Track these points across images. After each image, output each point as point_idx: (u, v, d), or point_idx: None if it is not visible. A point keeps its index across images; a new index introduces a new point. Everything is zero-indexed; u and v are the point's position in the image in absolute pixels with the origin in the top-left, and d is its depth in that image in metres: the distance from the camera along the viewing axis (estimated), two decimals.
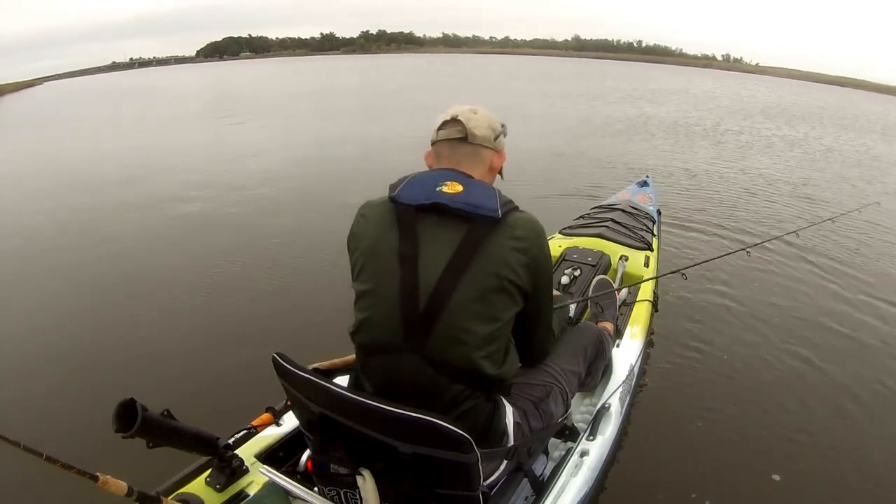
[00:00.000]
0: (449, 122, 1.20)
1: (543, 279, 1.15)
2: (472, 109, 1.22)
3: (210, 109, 15.85)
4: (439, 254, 1.05)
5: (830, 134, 11.97)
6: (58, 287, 3.68)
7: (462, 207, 1.06)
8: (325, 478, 1.13)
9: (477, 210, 1.06)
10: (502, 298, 1.06)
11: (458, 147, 1.19)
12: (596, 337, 1.65)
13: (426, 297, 1.03)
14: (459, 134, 1.18)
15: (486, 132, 1.20)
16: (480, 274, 1.04)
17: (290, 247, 4.29)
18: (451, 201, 1.07)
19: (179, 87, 28.14)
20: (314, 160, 7.67)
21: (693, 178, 6.78)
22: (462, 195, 1.08)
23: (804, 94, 28.34)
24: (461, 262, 1.04)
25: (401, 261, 1.06)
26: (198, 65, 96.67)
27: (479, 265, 1.04)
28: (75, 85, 40.21)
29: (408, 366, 1.06)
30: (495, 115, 1.25)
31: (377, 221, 1.12)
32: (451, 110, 1.22)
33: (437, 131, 1.22)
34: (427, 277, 1.04)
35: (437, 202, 1.07)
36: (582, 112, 13.59)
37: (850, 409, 2.41)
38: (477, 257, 1.04)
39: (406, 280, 1.05)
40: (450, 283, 1.03)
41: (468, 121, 1.19)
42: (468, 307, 1.03)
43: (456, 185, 1.09)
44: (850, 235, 4.78)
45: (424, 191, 1.09)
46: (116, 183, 6.63)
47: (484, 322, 1.05)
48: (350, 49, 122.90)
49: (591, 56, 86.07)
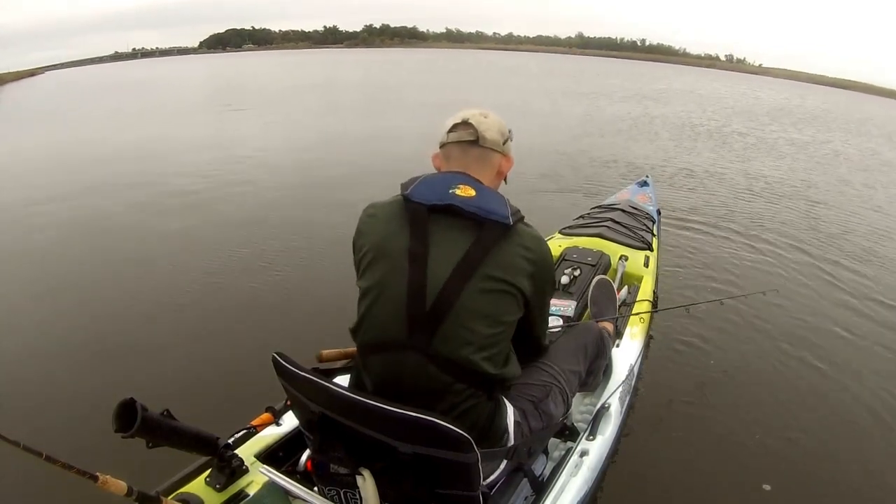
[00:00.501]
0: (460, 124, 1.21)
1: (545, 291, 1.20)
2: (483, 113, 1.24)
3: (212, 103, 15.80)
4: (449, 254, 1.06)
5: (838, 138, 11.91)
6: (56, 285, 3.66)
7: (475, 211, 1.08)
8: (324, 478, 1.13)
9: (489, 215, 1.08)
10: (507, 302, 1.09)
11: (470, 150, 1.20)
12: (596, 336, 1.65)
13: (433, 297, 1.04)
14: (471, 137, 1.19)
15: (496, 136, 1.22)
16: (489, 277, 1.06)
17: (291, 245, 4.28)
18: (465, 204, 1.08)
19: (179, 79, 28.02)
20: (316, 159, 7.60)
21: (695, 179, 6.77)
22: (475, 199, 1.09)
23: (808, 95, 28.25)
24: (471, 265, 1.05)
25: (410, 259, 1.07)
26: (200, 56, 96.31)
27: (488, 268, 1.06)
28: (77, 75, 39.99)
29: (411, 363, 1.07)
30: (504, 119, 1.26)
31: (387, 220, 1.13)
32: (462, 113, 1.23)
33: (448, 133, 1.22)
34: (435, 277, 1.05)
35: (451, 204, 1.09)
36: (583, 110, 13.55)
37: (853, 413, 2.41)
38: (486, 261, 1.06)
39: (414, 278, 1.06)
40: (458, 284, 1.04)
41: (479, 124, 1.20)
42: (474, 308, 1.05)
43: (469, 189, 1.11)
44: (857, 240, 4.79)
45: (437, 192, 1.11)
46: (116, 178, 6.58)
47: (489, 324, 1.07)
48: (353, 43, 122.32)
49: (594, 54, 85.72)
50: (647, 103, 15.84)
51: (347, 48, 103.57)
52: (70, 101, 18.43)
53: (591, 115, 12.66)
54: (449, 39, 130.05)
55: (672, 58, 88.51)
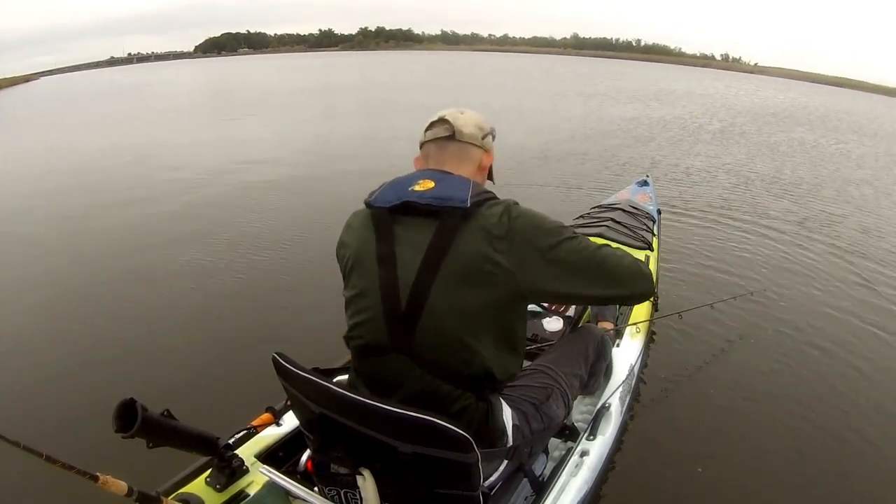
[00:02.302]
0: (436, 122, 1.22)
1: (539, 240, 1.04)
2: (460, 110, 1.24)
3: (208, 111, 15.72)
4: (414, 252, 1.05)
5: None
6: (56, 286, 3.66)
7: (430, 202, 1.06)
8: (325, 478, 1.13)
9: (445, 203, 1.05)
10: (481, 293, 1.03)
11: (447, 146, 1.20)
12: (597, 339, 1.64)
13: (406, 296, 1.04)
14: (446, 132, 1.20)
15: (474, 130, 1.21)
16: (454, 267, 1.03)
17: (293, 245, 4.28)
18: (420, 198, 1.07)
19: (173, 85, 27.94)
20: (319, 160, 7.61)
21: (696, 178, 6.77)
22: (432, 191, 1.08)
23: (808, 94, 28.30)
24: (435, 258, 1.03)
25: (379, 262, 1.08)
26: (196, 60, 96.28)
27: (451, 259, 1.03)
28: (71, 81, 39.91)
29: (396, 366, 1.08)
30: (485, 118, 1.27)
31: (358, 228, 1.15)
32: (439, 112, 1.24)
33: (425, 132, 1.23)
34: (405, 276, 1.05)
35: (407, 201, 1.08)
36: (582, 111, 13.55)
37: (853, 413, 2.41)
38: (449, 251, 1.03)
39: (385, 281, 1.06)
40: (427, 280, 1.03)
41: (455, 119, 1.20)
42: (446, 304, 1.03)
43: (427, 183, 1.10)
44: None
45: (397, 193, 1.11)
46: (111, 182, 6.58)
47: (465, 319, 1.04)
48: (348, 46, 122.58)
49: (589, 55, 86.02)
50: (649, 103, 15.85)
51: (342, 51, 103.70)
52: (59, 108, 18.35)
53: (590, 115, 12.65)
54: (444, 41, 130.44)
55: (668, 58, 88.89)
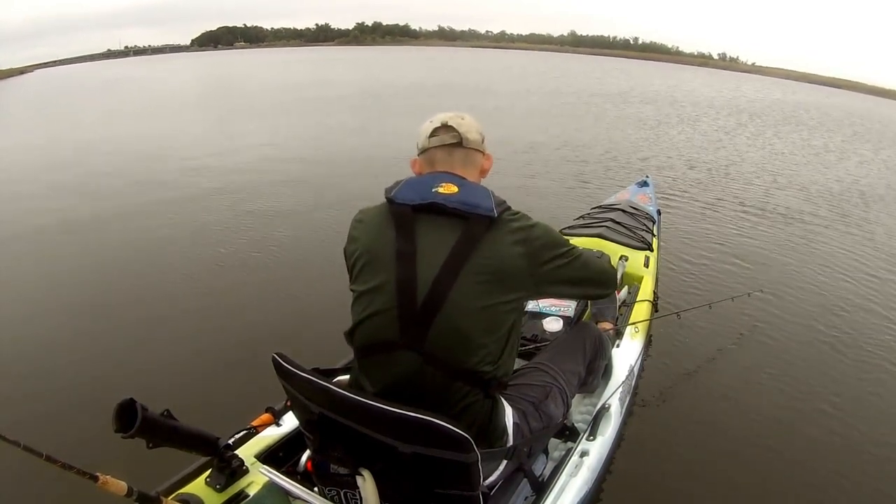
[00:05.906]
0: (440, 128, 1.23)
1: (552, 253, 1.13)
2: (459, 115, 1.26)
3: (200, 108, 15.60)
4: (437, 251, 1.07)
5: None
6: (57, 286, 3.64)
7: (458, 207, 1.09)
8: (325, 478, 1.13)
9: (473, 209, 1.09)
10: (500, 294, 1.08)
11: (454, 152, 1.22)
12: (595, 336, 1.65)
13: (424, 294, 1.05)
14: (454, 140, 1.22)
15: (476, 136, 1.25)
16: (477, 271, 1.05)
17: (294, 246, 4.27)
18: (448, 201, 1.10)
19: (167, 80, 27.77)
20: (321, 160, 7.57)
21: (700, 178, 6.77)
22: (458, 195, 1.11)
23: (810, 94, 28.36)
24: (459, 260, 1.05)
25: (398, 258, 1.08)
26: (192, 54, 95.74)
27: (476, 262, 1.05)
28: (67, 73, 39.60)
29: (405, 363, 1.07)
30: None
31: (375, 223, 1.15)
32: (439, 117, 1.25)
33: (429, 138, 1.23)
34: (425, 274, 1.06)
35: (434, 202, 1.10)
36: (582, 110, 13.55)
37: (855, 413, 2.41)
38: (474, 255, 1.06)
39: (404, 277, 1.06)
40: (448, 280, 1.05)
41: (459, 126, 1.23)
42: (466, 303, 1.05)
43: (451, 187, 1.12)
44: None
45: (420, 192, 1.12)
46: (114, 178, 6.53)
47: (481, 318, 1.06)
48: (345, 40, 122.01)
49: (587, 52, 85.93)
50: (648, 103, 15.85)
51: (339, 45, 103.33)
52: (53, 100, 18.17)
53: (590, 115, 12.64)
54: (441, 37, 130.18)
55: (665, 56, 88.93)
